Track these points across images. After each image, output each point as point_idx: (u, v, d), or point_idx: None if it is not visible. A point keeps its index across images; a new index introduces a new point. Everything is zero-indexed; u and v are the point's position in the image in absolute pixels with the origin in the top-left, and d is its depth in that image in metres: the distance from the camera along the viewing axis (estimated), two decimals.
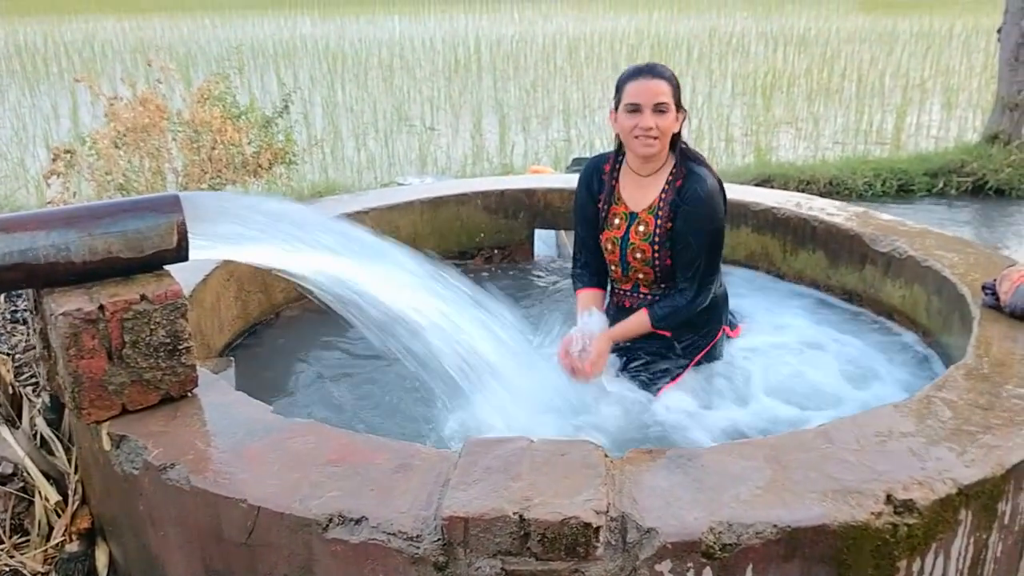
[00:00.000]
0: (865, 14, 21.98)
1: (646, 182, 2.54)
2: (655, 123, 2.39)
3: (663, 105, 2.39)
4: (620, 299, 2.69)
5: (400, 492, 1.60)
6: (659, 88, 2.39)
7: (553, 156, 8.14)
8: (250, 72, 13.40)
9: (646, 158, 2.49)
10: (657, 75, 2.41)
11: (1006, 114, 7.10)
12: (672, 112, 2.42)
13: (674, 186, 2.49)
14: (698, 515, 1.51)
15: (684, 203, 2.45)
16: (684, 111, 2.48)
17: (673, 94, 2.42)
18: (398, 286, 2.32)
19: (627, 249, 2.55)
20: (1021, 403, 1.89)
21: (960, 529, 1.63)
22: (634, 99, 2.41)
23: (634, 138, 2.43)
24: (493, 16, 24.20)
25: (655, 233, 2.50)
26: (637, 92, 2.41)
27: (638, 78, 2.42)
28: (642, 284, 2.60)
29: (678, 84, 2.47)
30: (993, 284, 2.39)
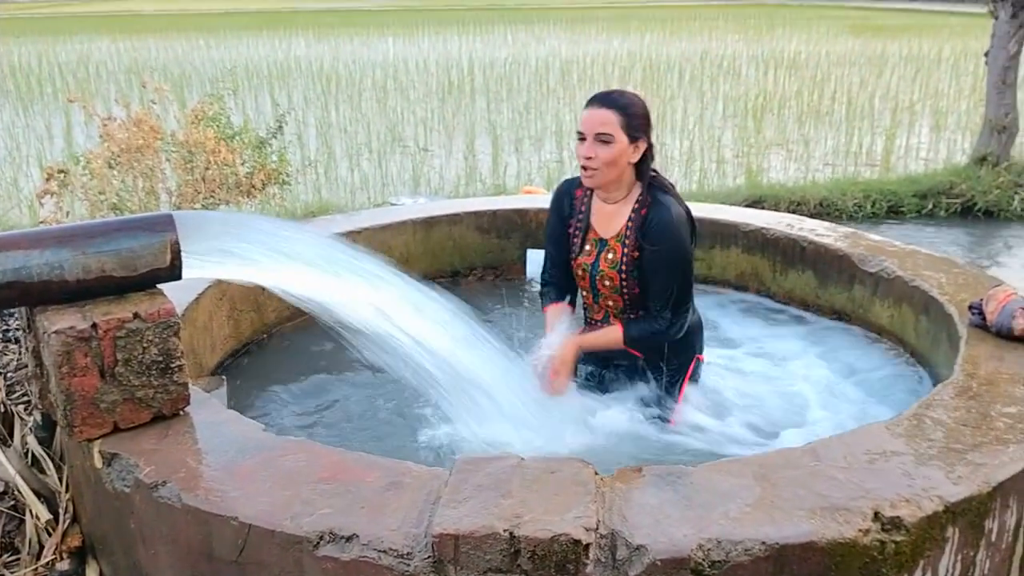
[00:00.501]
0: (855, 37, 22.20)
1: (612, 209, 2.52)
2: (593, 153, 2.35)
3: (605, 136, 2.34)
4: (593, 328, 2.68)
5: (391, 510, 1.61)
6: (603, 118, 2.34)
7: (546, 177, 8.18)
8: (244, 93, 13.46)
9: (595, 188, 2.47)
10: (607, 104, 2.36)
11: (994, 136, 7.18)
12: (619, 143, 2.35)
13: (639, 214, 2.46)
14: (687, 532, 1.52)
15: (648, 232, 2.43)
16: (645, 140, 2.42)
17: (623, 124, 2.35)
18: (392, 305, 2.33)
19: (596, 276, 2.54)
20: (1008, 421, 1.91)
21: (947, 547, 1.64)
22: (580, 127, 2.39)
23: (582, 168, 2.42)
24: (486, 38, 24.35)
25: (622, 261, 2.48)
26: (583, 120, 2.38)
27: (589, 106, 2.39)
28: (612, 313, 2.59)
29: (637, 113, 2.39)
30: (980, 304, 2.42)
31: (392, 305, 2.25)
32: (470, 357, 2.39)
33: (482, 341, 2.48)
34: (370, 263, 2.30)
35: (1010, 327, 2.31)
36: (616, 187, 2.47)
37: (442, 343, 2.31)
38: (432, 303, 2.36)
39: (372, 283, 2.26)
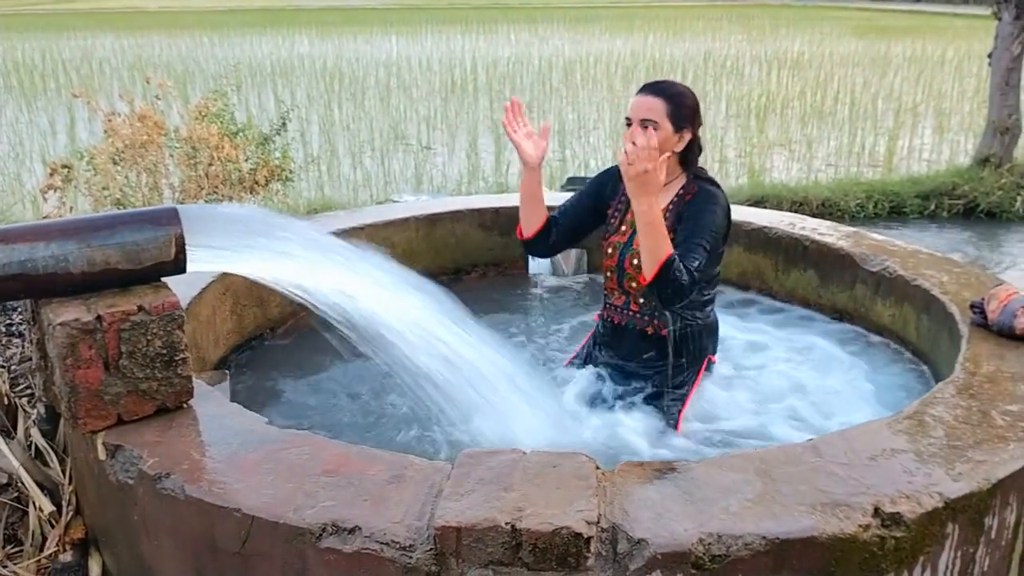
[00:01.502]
0: (858, 38, 22.19)
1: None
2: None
3: (650, 122, 2.41)
4: (611, 314, 2.71)
5: (394, 502, 1.62)
6: (650, 104, 2.43)
7: (548, 175, 8.18)
8: (248, 90, 13.48)
9: None
10: (654, 92, 2.45)
11: (997, 138, 7.18)
12: (663, 130, 2.42)
13: (683, 200, 2.52)
14: (688, 527, 1.53)
15: (692, 206, 2.48)
16: (691, 132, 2.49)
17: (669, 112, 2.43)
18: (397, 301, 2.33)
19: (627, 255, 2.57)
20: (1009, 419, 1.91)
21: (947, 543, 1.65)
22: (628, 113, 2.48)
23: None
24: (490, 37, 24.36)
25: None
26: (632, 107, 2.47)
27: (639, 93, 2.49)
28: (633, 299, 2.62)
29: (685, 104, 2.46)
30: (981, 303, 2.42)
31: (392, 301, 2.26)
32: (475, 352, 2.40)
33: (485, 336, 2.49)
34: (372, 259, 2.31)
35: (1011, 326, 2.31)
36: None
37: (446, 339, 2.31)
38: (432, 298, 2.36)
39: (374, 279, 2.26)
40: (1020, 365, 2.19)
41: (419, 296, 2.36)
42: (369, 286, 2.25)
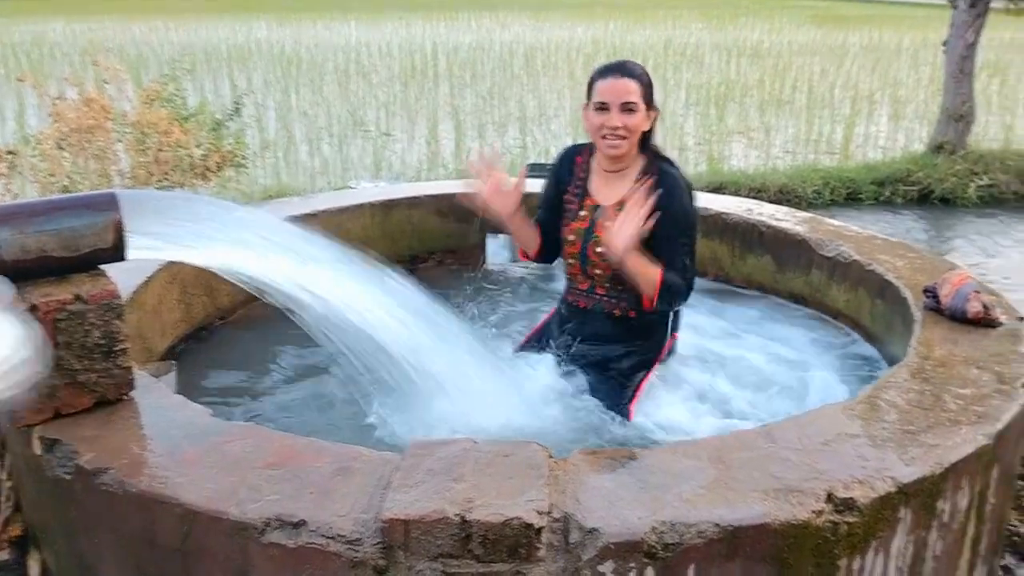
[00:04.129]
0: (817, 27, 22.40)
1: (614, 178, 2.55)
2: (622, 122, 2.39)
3: (631, 104, 2.39)
4: (575, 298, 2.68)
5: (340, 495, 1.57)
6: (627, 87, 2.39)
7: (509, 162, 8.13)
8: (203, 75, 13.23)
9: (619, 157, 2.49)
10: (627, 74, 2.41)
11: (951, 125, 7.27)
12: (641, 111, 2.41)
13: (645, 184, 2.48)
14: (641, 515, 1.50)
15: (658, 201, 2.40)
16: (655, 110, 2.48)
17: (643, 93, 2.41)
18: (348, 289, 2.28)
19: (589, 241, 2.54)
20: (961, 403, 1.92)
21: (900, 527, 1.64)
22: (602, 98, 2.41)
23: (601, 137, 2.44)
24: (450, 23, 24.19)
25: None
26: (605, 91, 2.41)
27: (607, 76, 2.42)
28: (598, 284, 2.59)
29: (650, 83, 2.46)
30: (934, 287, 2.43)
31: (344, 287, 2.21)
32: (432, 338, 2.36)
33: (444, 321, 2.45)
34: (322, 245, 2.25)
35: (964, 310, 2.33)
36: (627, 156, 2.50)
37: (397, 324, 2.27)
38: (386, 283, 2.32)
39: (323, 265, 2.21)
40: (972, 349, 2.20)
41: (373, 281, 2.31)
42: (320, 272, 2.19)
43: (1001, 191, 6.77)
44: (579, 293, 2.65)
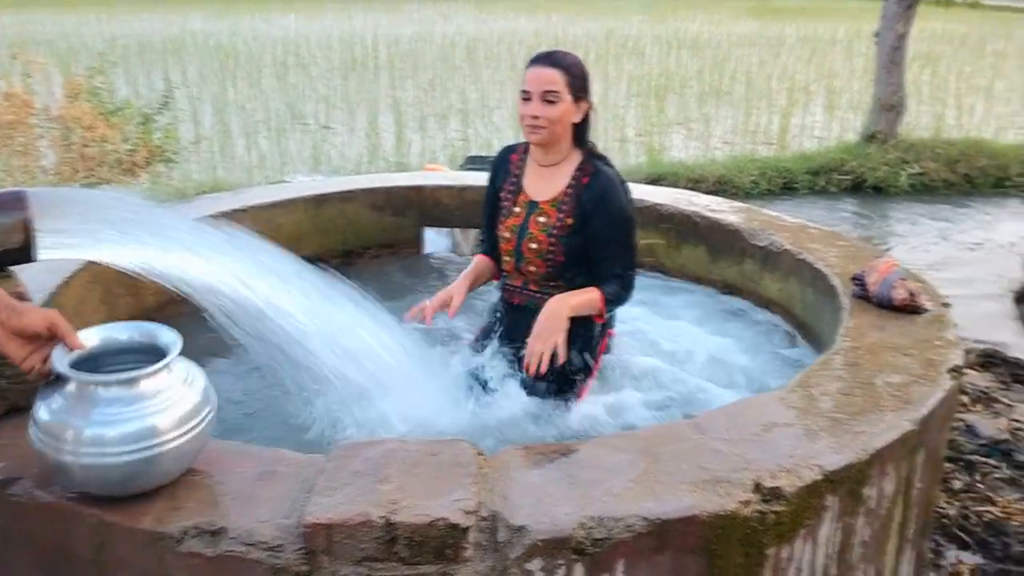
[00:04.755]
0: (754, 19, 22.72)
1: (548, 173, 2.52)
2: (542, 112, 2.37)
3: (552, 94, 2.36)
4: (510, 295, 2.66)
5: (262, 500, 1.53)
6: (549, 77, 2.36)
7: (451, 155, 8.10)
8: (136, 69, 12.92)
9: (540, 147, 2.48)
10: (552, 63, 2.38)
11: (883, 114, 7.44)
12: (564, 103, 2.37)
13: (580, 182, 2.47)
14: (569, 511, 1.49)
15: (595, 202, 2.44)
16: (587, 102, 2.45)
17: (568, 84, 2.37)
18: (275, 287, 2.22)
19: (524, 238, 2.52)
20: (888, 390, 1.94)
21: (827, 515, 1.66)
22: (525, 86, 2.40)
23: (524, 125, 2.43)
24: (392, 14, 23.98)
25: (554, 225, 2.48)
26: (529, 79, 2.39)
27: (533, 65, 2.40)
28: (532, 280, 2.57)
29: (581, 74, 2.42)
30: (862, 275, 2.46)
31: (267, 285, 2.14)
32: (364, 336, 2.31)
33: (376, 318, 2.41)
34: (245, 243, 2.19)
35: (890, 297, 2.36)
36: (557, 147, 2.48)
37: (331, 322, 2.22)
38: (312, 281, 2.26)
39: (246, 263, 2.14)
40: (899, 335, 2.23)
41: (301, 278, 2.25)
42: (242, 270, 2.13)
43: (931, 179, 6.95)
44: (513, 290, 2.63)
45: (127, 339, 1.61)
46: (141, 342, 1.60)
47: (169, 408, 1.49)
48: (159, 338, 1.59)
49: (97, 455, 1.45)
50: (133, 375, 1.48)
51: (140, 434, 1.46)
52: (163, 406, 1.49)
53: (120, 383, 1.48)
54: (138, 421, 1.46)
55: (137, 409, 1.47)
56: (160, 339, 1.58)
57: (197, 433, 1.53)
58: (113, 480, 1.49)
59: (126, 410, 1.46)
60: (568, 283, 2.52)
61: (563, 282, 2.52)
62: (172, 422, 1.49)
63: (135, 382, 1.48)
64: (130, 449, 1.45)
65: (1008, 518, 2.63)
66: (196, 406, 1.54)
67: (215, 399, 1.61)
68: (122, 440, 1.45)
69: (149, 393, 1.49)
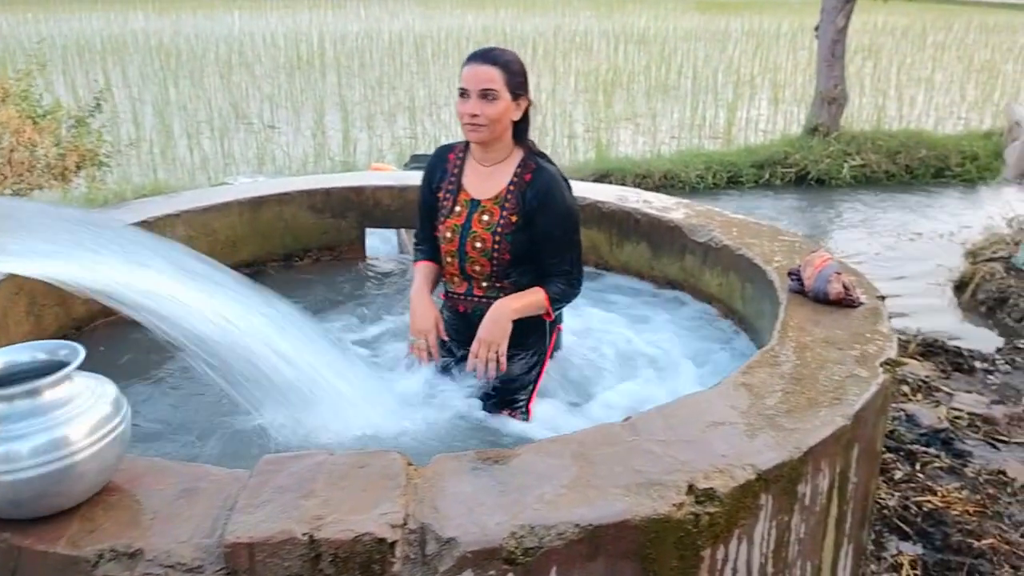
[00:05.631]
0: (700, 13, 22.92)
1: (489, 172, 2.50)
2: (480, 110, 2.34)
3: (490, 92, 2.33)
4: (454, 303, 2.61)
5: (183, 519, 1.47)
6: (487, 74, 2.33)
7: (399, 153, 8.03)
8: (75, 69, 12.59)
9: (480, 145, 2.45)
10: (488, 60, 2.35)
11: (824, 107, 7.53)
12: (503, 100, 2.35)
13: (523, 179, 2.45)
14: (500, 520, 1.45)
15: (539, 199, 2.42)
16: (526, 99, 2.43)
17: (506, 81, 2.35)
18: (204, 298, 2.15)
19: (467, 238, 2.47)
20: (821, 385, 1.94)
21: (761, 514, 1.65)
22: (462, 84, 2.37)
23: (463, 124, 2.40)
24: (338, 12, 23.73)
25: (498, 223, 2.44)
26: (466, 77, 2.36)
27: (470, 63, 2.37)
28: (476, 284, 2.53)
29: (518, 71, 2.39)
30: (798, 270, 2.47)
31: (196, 295, 2.08)
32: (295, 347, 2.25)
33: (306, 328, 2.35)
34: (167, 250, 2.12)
35: (826, 291, 2.37)
36: (497, 145, 2.46)
37: (257, 332, 2.16)
38: (238, 289, 2.20)
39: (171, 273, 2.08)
40: (834, 330, 2.24)
41: (225, 288, 2.19)
42: (167, 279, 2.06)
43: (873, 170, 7.06)
44: (457, 298, 2.58)
45: (30, 359, 1.54)
46: (45, 360, 1.54)
47: (78, 418, 1.45)
48: (61, 353, 1.53)
49: (8, 472, 1.39)
50: (35, 385, 1.42)
51: (51, 445, 1.41)
52: (71, 416, 1.44)
53: (24, 395, 1.42)
54: (48, 432, 1.42)
55: (45, 421, 1.43)
56: (62, 354, 1.52)
57: (110, 442, 1.48)
58: (26, 499, 1.43)
59: (34, 422, 1.42)
60: (515, 282, 2.49)
61: (509, 281, 2.49)
62: (83, 431, 1.44)
63: (38, 392, 1.43)
64: (42, 461, 1.40)
65: (948, 507, 2.67)
66: (107, 415, 1.49)
67: (127, 409, 1.56)
68: (34, 453, 1.40)
69: (56, 404, 1.44)
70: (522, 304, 2.44)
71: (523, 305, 2.44)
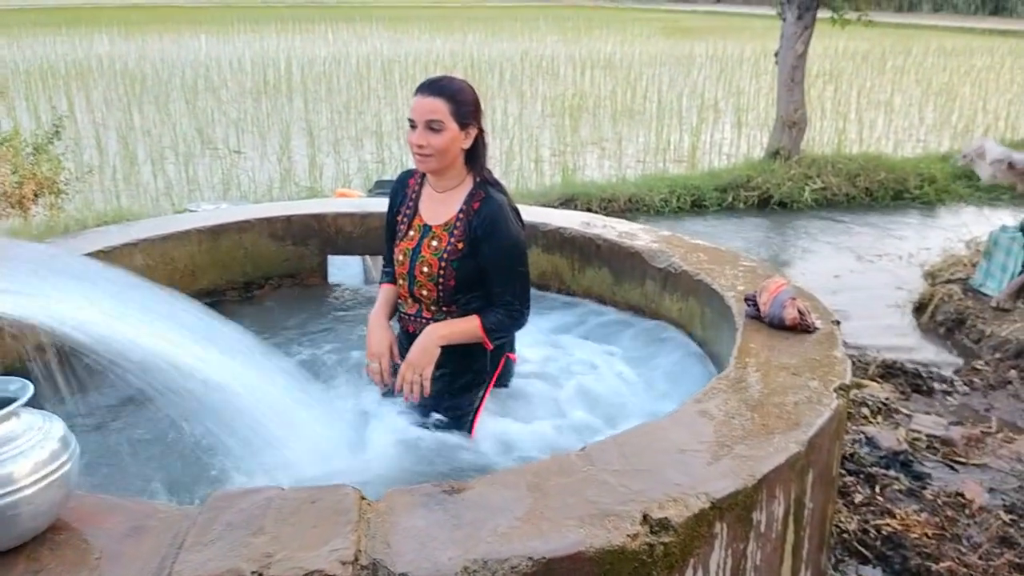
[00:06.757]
0: (666, 38, 23.21)
1: (442, 198, 2.52)
2: (425, 141, 2.37)
3: (436, 123, 2.35)
4: (405, 324, 2.64)
5: (129, 559, 1.44)
6: (432, 106, 2.35)
7: (365, 178, 8.02)
8: (38, 95, 12.46)
9: (431, 173, 2.49)
10: (434, 92, 2.37)
11: (786, 132, 7.64)
12: (449, 131, 2.37)
13: (471, 207, 2.47)
14: (453, 554, 1.44)
15: (481, 227, 2.43)
16: (476, 128, 2.44)
17: (453, 111, 2.36)
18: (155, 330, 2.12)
19: (416, 262, 2.50)
20: (776, 411, 1.96)
21: (716, 542, 1.65)
22: (411, 114, 2.40)
23: (412, 153, 2.43)
24: (306, 36, 23.73)
25: (445, 250, 2.47)
26: (414, 108, 2.39)
27: (418, 94, 2.39)
28: (425, 307, 2.55)
29: (467, 100, 2.41)
30: (754, 295, 2.49)
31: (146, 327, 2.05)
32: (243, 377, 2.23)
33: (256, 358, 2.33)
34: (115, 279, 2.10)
35: (781, 317, 2.39)
36: (449, 173, 2.48)
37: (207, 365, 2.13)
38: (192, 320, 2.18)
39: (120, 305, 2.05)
40: (789, 356, 2.26)
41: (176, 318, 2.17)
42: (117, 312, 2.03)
43: (833, 193, 7.17)
44: (408, 318, 2.61)
45: None
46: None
47: (24, 455, 1.42)
48: (9, 388, 1.50)
49: None
50: None
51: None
52: (17, 452, 1.42)
53: None
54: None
55: None
56: (11, 389, 1.50)
57: (57, 480, 1.45)
58: None
59: None
60: (462, 307, 2.51)
61: (456, 307, 2.51)
62: (28, 468, 1.42)
63: None
64: None
65: (907, 530, 2.69)
66: (53, 452, 1.46)
67: (76, 447, 1.53)
68: None
69: (1, 441, 1.41)
70: (451, 331, 2.47)
71: (452, 332, 2.47)
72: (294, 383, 2.42)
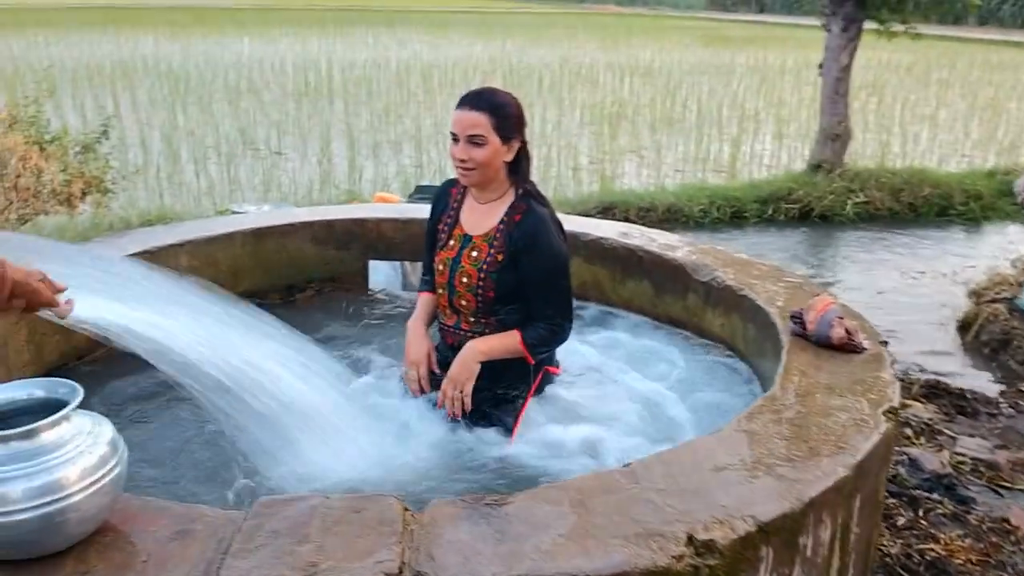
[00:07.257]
0: (705, 47, 23.07)
1: (484, 209, 2.53)
2: (468, 155, 2.37)
3: (478, 137, 2.36)
4: (444, 335, 2.65)
5: (177, 562, 1.45)
6: (474, 120, 2.35)
7: (403, 182, 8.04)
8: (84, 93, 12.69)
9: (473, 186, 2.50)
10: (476, 106, 2.37)
11: (828, 144, 7.55)
12: (491, 144, 2.37)
13: (512, 219, 2.47)
14: (497, 570, 1.44)
15: (523, 241, 2.43)
16: (518, 141, 2.43)
17: (495, 125, 2.36)
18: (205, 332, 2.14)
19: (456, 271, 2.51)
20: (822, 434, 1.93)
21: (762, 566, 1.63)
22: (452, 128, 2.41)
23: (455, 167, 2.44)
24: (346, 40, 23.92)
25: (485, 261, 2.47)
26: (455, 122, 2.39)
27: (460, 107, 2.40)
28: (464, 318, 2.55)
29: (510, 114, 2.40)
30: (800, 313, 2.46)
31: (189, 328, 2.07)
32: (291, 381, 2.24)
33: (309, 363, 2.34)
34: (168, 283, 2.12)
35: (828, 336, 2.36)
36: (491, 186, 2.49)
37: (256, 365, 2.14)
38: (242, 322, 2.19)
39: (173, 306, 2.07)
40: (836, 376, 2.22)
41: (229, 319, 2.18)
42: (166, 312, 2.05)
43: (876, 207, 7.06)
44: (448, 330, 2.61)
45: (26, 396, 1.54)
46: (42, 397, 1.53)
47: (74, 460, 1.44)
48: (59, 391, 1.52)
49: (2, 514, 1.38)
50: (31, 427, 1.41)
51: (45, 488, 1.40)
52: (67, 458, 1.43)
53: (19, 436, 1.41)
54: (42, 475, 1.41)
55: (40, 463, 1.41)
56: (61, 392, 1.52)
57: (105, 485, 1.47)
58: (19, 541, 1.42)
59: (28, 464, 1.41)
60: (502, 320, 2.50)
61: (496, 319, 2.50)
62: (78, 474, 1.43)
63: (35, 434, 1.42)
64: (36, 504, 1.40)
65: (950, 556, 2.63)
66: (103, 457, 1.48)
67: (124, 451, 1.55)
68: (27, 496, 1.39)
69: (51, 446, 1.43)
70: (490, 346, 2.46)
71: (492, 347, 2.46)
72: (335, 386, 2.43)
